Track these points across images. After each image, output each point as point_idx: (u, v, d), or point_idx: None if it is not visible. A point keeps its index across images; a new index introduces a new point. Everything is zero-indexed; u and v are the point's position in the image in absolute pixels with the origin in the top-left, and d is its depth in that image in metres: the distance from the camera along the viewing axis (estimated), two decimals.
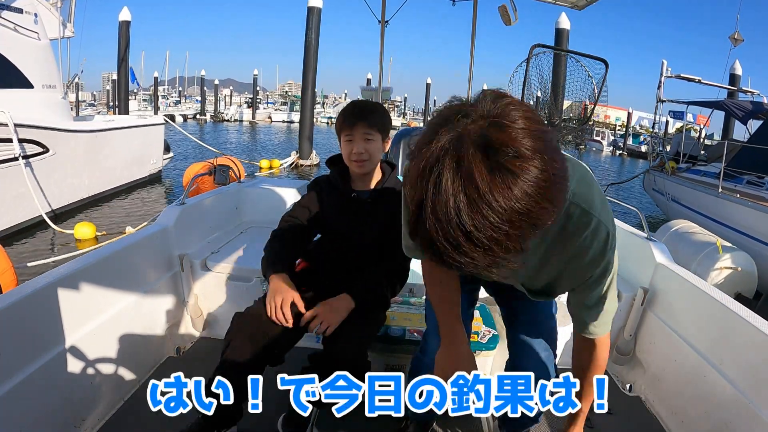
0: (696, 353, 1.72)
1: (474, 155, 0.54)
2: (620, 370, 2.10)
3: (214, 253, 2.31)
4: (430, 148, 0.57)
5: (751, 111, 8.45)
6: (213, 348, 2.22)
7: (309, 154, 14.22)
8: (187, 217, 2.28)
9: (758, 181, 6.76)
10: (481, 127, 0.56)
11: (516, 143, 0.55)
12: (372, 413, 0.87)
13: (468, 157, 0.54)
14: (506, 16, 3.29)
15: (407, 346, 1.75)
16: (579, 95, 4.20)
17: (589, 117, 4.41)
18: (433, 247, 0.57)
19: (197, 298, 2.24)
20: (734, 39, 11.76)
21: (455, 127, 0.57)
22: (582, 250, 0.89)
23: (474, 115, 0.58)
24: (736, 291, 4.48)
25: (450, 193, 0.54)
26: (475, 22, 3.40)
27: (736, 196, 6.20)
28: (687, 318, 1.81)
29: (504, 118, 0.57)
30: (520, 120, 0.57)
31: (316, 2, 13.79)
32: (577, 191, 0.84)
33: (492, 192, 0.53)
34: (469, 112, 0.59)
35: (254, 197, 2.92)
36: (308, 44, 13.89)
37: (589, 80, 3.97)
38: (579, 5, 3.29)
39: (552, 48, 4.01)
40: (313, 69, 14.02)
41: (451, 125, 0.58)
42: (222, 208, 2.69)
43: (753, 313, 1.57)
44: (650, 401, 1.91)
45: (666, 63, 9.75)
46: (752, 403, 1.45)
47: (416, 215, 0.58)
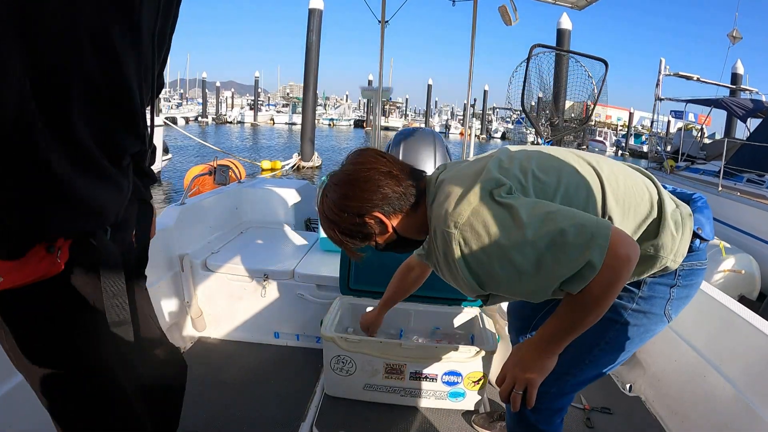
0: (696, 353, 1.72)
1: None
2: (620, 370, 2.09)
3: (214, 253, 2.32)
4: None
5: (751, 109, 8.42)
6: (213, 348, 2.23)
7: (311, 156, 14.23)
8: (187, 217, 2.28)
9: (758, 180, 6.73)
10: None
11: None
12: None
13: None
14: (506, 16, 3.30)
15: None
16: (579, 95, 4.20)
17: (589, 117, 4.41)
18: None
19: (197, 299, 2.25)
20: (732, 37, 11.75)
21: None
22: (447, 258, 0.96)
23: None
24: (739, 293, 4.46)
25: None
26: (475, 22, 3.40)
27: (736, 195, 6.18)
28: (687, 318, 1.80)
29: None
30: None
31: (317, 4, 13.82)
32: (434, 214, 0.98)
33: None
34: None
35: (254, 197, 2.93)
36: (309, 46, 13.92)
37: (589, 80, 3.97)
38: (579, 5, 3.30)
39: (552, 48, 4.01)
40: (314, 71, 14.05)
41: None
42: (222, 208, 2.69)
43: (753, 313, 1.57)
44: (650, 401, 1.90)
45: (664, 61, 9.73)
46: (752, 403, 1.44)
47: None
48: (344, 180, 1.02)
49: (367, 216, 1.01)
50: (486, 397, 1.85)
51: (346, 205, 1.01)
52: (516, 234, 0.85)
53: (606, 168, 1.00)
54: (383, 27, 3.69)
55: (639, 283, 1.02)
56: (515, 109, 4.35)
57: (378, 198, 1.00)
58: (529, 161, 0.99)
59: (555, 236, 0.83)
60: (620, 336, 1.05)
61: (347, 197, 1.01)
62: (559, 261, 0.83)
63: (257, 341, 2.27)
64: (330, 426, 1.69)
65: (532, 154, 1.01)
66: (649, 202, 0.98)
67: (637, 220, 0.97)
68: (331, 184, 1.04)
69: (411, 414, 1.77)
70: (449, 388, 1.76)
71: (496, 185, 0.91)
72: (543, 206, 0.88)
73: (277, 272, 2.20)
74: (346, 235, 1.04)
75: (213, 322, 2.31)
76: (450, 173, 1.03)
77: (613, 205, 0.95)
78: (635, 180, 1.01)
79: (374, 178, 1.00)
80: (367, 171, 1.01)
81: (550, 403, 1.09)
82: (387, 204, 1.00)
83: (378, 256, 1.94)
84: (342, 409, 1.78)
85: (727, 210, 6.04)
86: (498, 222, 0.87)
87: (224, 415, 1.72)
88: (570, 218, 0.85)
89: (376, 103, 4.29)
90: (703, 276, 1.07)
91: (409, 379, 1.75)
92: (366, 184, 1.00)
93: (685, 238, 0.98)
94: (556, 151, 1.04)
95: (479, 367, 1.73)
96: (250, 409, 1.77)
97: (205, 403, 1.77)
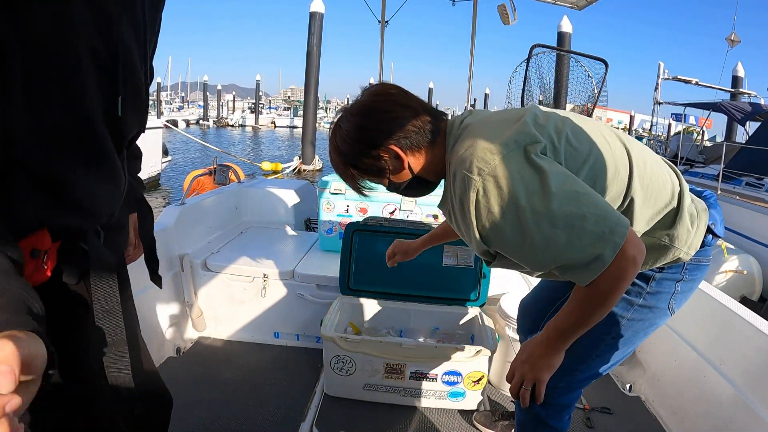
0: (696, 353, 1.72)
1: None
2: (620, 369, 2.09)
3: (214, 253, 2.32)
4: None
5: (750, 112, 8.43)
6: (213, 348, 2.23)
7: (312, 159, 14.24)
8: (187, 217, 2.29)
9: (757, 183, 6.74)
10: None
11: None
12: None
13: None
14: (505, 15, 3.31)
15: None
16: (579, 96, 4.20)
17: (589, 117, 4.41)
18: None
19: (197, 299, 2.25)
20: (731, 40, 11.78)
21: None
22: (462, 205, 0.91)
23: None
24: (741, 294, 4.46)
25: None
26: (474, 22, 3.41)
27: (735, 198, 6.18)
28: (687, 318, 1.80)
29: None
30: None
31: (318, 7, 13.86)
32: (456, 157, 0.91)
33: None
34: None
35: (254, 197, 2.94)
36: (310, 49, 13.94)
37: (589, 80, 3.97)
38: (579, 5, 3.31)
39: (552, 48, 4.02)
40: (315, 74, 14.07)
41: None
42: (222, 208, 2.70)
43: (753, 314, 1.57)
44: (650, 401, 1.90)
45: (663, 65, 9.75)
46: (752, 403, 1.44)
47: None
48: (360, 110, 0.97)
49: (383, 149, 0.96)
50: (486, 396, 1.85)
51: (361, 136, 0.96)
52: (539, 202, 0.81)
53: (636, 149, 0.98)
54: (383, 27, 3.71)
55: (647, 278, 1.02)
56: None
57: (395, 129, 0.95)
58: (564, 124, 0.94)
59: (575, 218, 0.81)
60: (626, 331, 1.05)
61: (363, 128, 0.96)
62: (571, 244, 0.81)
63: (257, 341, 2.27)
64: (330, 426, 1.68)
65: (566, 119, 0.97)
66: (670, 192, 0.97)
67: (657, 207, 0.95)
68: (346, 114, 0.99)
69: (411, 414, 1.77)
70: (449, 387, 1.76)
71: (532, 141, 0.86)
72: (574, 183, 0.84)
73: (277, 272, 2.20)
74: (358, 169, 0.99)
75: (213, 322, 2.30)
76: (477, 118, 0.98)
77: (638, 187, 0.93)
78: (661, 167, 1.00)
79: (393, 110, 0.96)
80: (386, 102, 0.97)
81: (558, 398, 1.09)
82: (405, 137, 0.96)
83: (378, 256, 1.96)
84: (342, 409, 1.77)
85: (726, 213, 5.99)
86: (525, 182, 0.82)
87: (224, 415, 1.72)
88: (595, 206, 0.82)
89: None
90: (706, 272, 1.07)
91: (409, 378, 1.75)
92: (384, 114, 0.96)
93: (700, 231, 0.98)
94: (590, 122, 1.00)
95: (479, 367, 1.72)
96: (250, 409, 1.76)
97: (205, 403, 1.77)
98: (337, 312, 1.90)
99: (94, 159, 0.68)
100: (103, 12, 0.63)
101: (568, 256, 0.83)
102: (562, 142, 0.91)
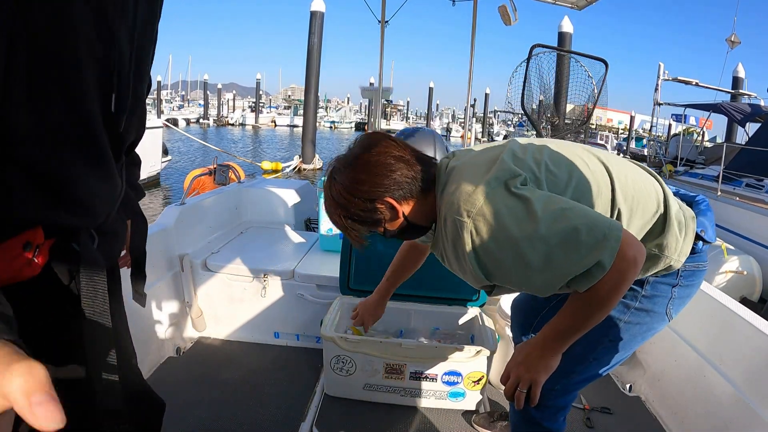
0: (696, 353, 1.72)
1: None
2: (620, 370, 2.09)
3: (214, 253, 2.32)
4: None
5: (750, 114, 8.41)
6: (213, 348, 2.23)
7: (312, 158, 14.25)
8: (187, 217, 2.29)
9: (757, 184, 6.73)
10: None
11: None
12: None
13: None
14: (506, 16, 3.31)
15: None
16: (579, 97, 4.20)
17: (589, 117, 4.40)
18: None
19: (197, 299, 2.25)
20: (731, 41, 11.78)
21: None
22: (456, 247, 0.95)
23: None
24: (741, 295, 4.46)
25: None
26: (474, 22, 3.41)
27: (735, 199, 6.17)
28: (687, 318, 1.80)
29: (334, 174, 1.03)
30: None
31: (319, 6, 13.86)
32: (445, 202, 0.96)
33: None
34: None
35: (254, 197, 2.94)
36: (311, 48, 13.96)
37: (589, 80, 3.97)
38: (579, 5, 3.31)
39: (552, 48, 4.01)
40: (315, 73, 14.08)
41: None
42: (222, 208, 2.70)
43: (753, 314, 1.57)
44: (650, 401, 1.90)
45: (663, 66, 9.73)
46: (752, 403, 1.44)
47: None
48: (355, 163, 0.99)
49: (378, 201, 0.98)
50: (486, 396, 1.85)
51: (357, 189, 0.97)
52: (529, 227, 0.84)
53: (615, 165, 1.00)
54: (383, 27, 3.71)
55: (642, 282, 1.03)
56: (516, 112, 4.35)
57: (390, 183, 0.97)
58: (541, 153, 0.98)
59: (568, 233, 0.82)
60: (623, 334, 1.05)
61: (358, 181, 0.97)
62: (569, 258, 0.83)
63: (257, 341, 2.27)
64: (330, 426, 1.68)
65: (543, 147, 1.00)
66: (656, 200, 0.98)
67: (644, 219, 0.97)
68: (339, 167, 1.00)
69: (411, 414, 1.77)
70: (449, 388, 1.76)
71: (512, 176, 0.89)
72: (558, 201, 0.87)
73: (277, 272, 2.20)
74: (354, 221, 1.01)
75: (213, 322, 2.31)
76: (461, 161, 1.01)
77: (622, 202, 0.95)
78: (643, 178, 1.02)
79: (387, 162, 0.98)
80: (379, 155, 0.98)
81: (554, 400, 1.09)
82: (399, 189, 0.98)
83: (378, 256, 1.95)
84: (342, 409, 1.77)
85: (726, 214, 6.03)
86: (512, 213, 0.85)
87: (224, 415, 1.72)
88: (583, 216, 0.84)
89: (376, 102, 4.30)
90: (704, 277, 1.08)
91: (409, 379, 1.75)
92: (378, 168, 0.97)
93: (688, 239, 0.99)
94: (566, 146, 1.03)
95: (479, 367, 1.72)
96: (250, 409, 1.76)
97: (205, 403, 1.77)
98: (337, 312, 1.90)
99: (93, 158, 0.67)
100: (102, 12, 0.63)
101: (569, 270, 0.84)
102: (542, 171, 0.94)
